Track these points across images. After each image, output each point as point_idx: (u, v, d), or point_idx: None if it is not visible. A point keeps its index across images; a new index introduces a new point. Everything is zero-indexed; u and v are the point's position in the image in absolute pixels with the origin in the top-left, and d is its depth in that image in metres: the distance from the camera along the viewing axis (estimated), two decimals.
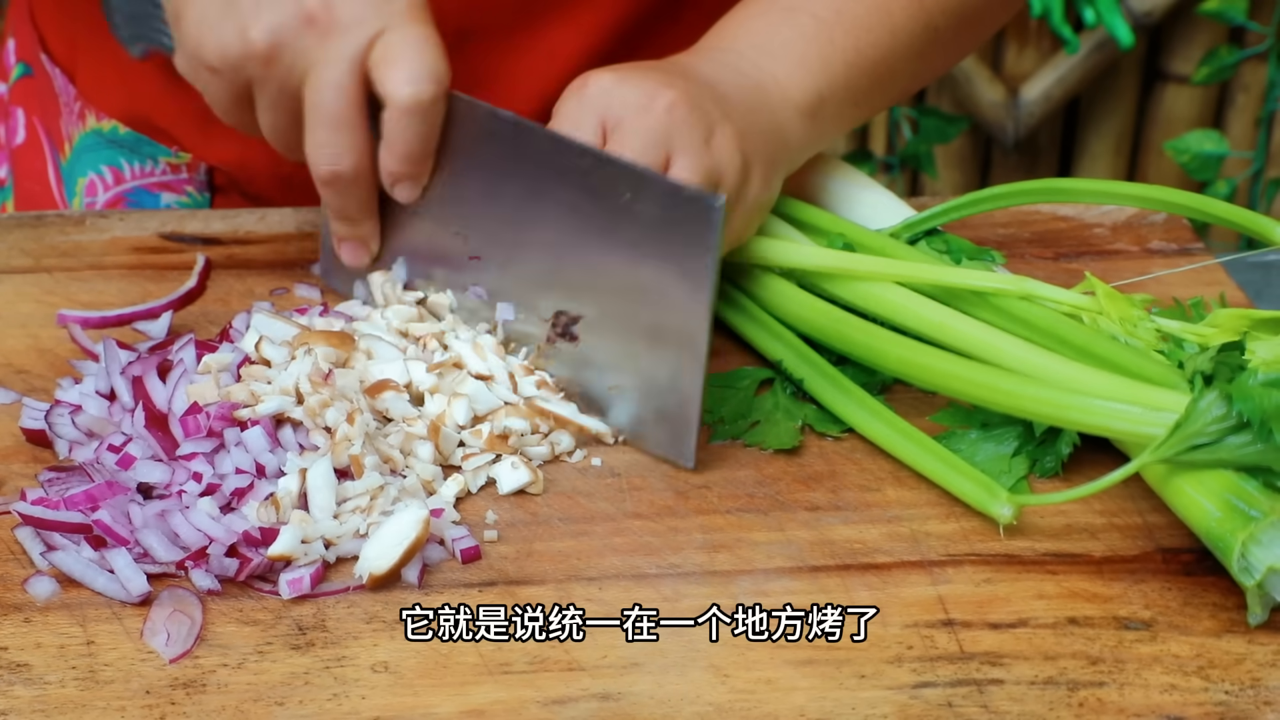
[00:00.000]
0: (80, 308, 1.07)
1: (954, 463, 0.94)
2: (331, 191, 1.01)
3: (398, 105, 0.97)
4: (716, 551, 0.90)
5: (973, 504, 0.92)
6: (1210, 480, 0.86)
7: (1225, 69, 2.42)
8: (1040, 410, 0.91)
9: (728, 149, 0.98)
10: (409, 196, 1.01)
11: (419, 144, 0.99)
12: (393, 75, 0.96)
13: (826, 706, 0.81)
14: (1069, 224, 1.20)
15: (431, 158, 1.00)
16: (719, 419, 1.00)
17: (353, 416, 0.93)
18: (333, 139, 0.98)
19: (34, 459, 0.95)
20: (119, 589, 0.86)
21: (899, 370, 0.98)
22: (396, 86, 0.96)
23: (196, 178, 1.25)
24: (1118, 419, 0.88)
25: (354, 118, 0.98)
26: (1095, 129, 2.49)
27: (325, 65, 0.96)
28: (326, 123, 0.98)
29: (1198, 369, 0.87)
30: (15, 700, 0.80)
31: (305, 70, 0.97)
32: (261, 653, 0.83)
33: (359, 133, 0.98)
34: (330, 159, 0.99)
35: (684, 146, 0.96)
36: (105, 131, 1.25)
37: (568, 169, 0.95)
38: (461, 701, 0.81)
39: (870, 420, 0.97)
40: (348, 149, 0.98)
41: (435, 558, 0.89)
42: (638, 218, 0.93)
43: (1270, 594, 0.84)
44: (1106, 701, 0.81)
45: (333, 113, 0.97)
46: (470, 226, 1.01)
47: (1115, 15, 2.33)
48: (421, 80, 0.96)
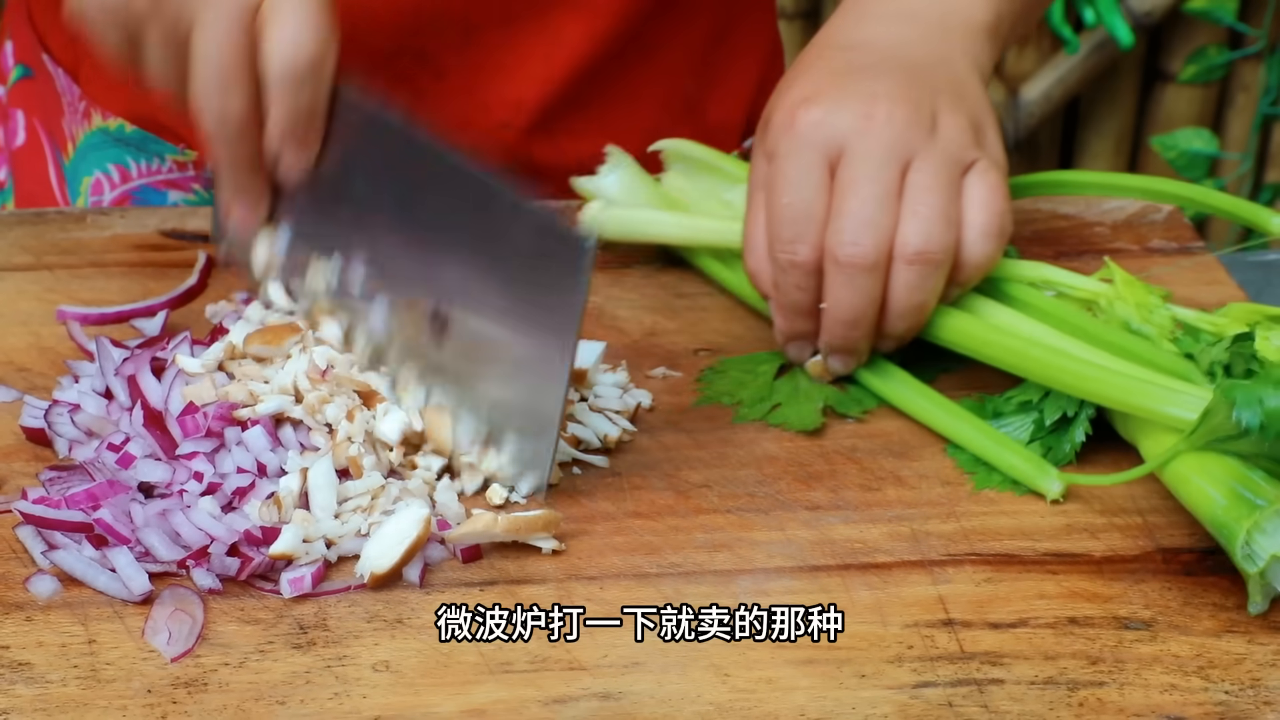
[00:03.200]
0: (81, 305, 1.07)
1: (1004, 440, 0.95)
2: (220, 139, 0.97)
3: (272, 69, 0.94)
4: (717, 551, 0.90)
5: (1022, 480, 0.94)
6: (1217, 469, 0.87)
7: (1214, 69, 2.42)
8: (1088, 384, 0.93)
9: (953, 126, 0.96)
10: (294, 163, 0.98)
11: (297, 108, 0.96)
12: (271, 36, 0.94)
13: (827, 706, 0.81)
14: (1070, 222, 1.20)
15: (315, 126, 0.97)
16: (739, 402, 1.00)
17: (353, 414, 0.93)
18: (219, 85, 0.95)
19: (35, 458, 0.95)
20: (120, 588, 0.86)
21: (951, 338, 0.99)
22: (273, 49, 0.94)
23: (204, 175, 1.25)
24: (1161, 401, 0.90)
25: (240, 66, 0.94)
26: (1095, 129, 2.50)
27: (213, 17, 0.94)
28: (212, 69, 0.95)
29: (1214, 360, 0.88)
30: (17, 699, 0.80)
31: (191, 18, 0.94)
32: (263, 652, 0.83)
33: (246, 81, 0.95)
34: (217, 105, 0.95)
35: (915, 146, 0.95)
36: (111, 130, 1.25)
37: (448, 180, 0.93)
38: (463, 701, 0.81)
39: (916, 398, 0.99)
40: (235, 96, 0.95)
41: (436, 557, 0.89)
42: (512, 240, 0.91)
43: (1272, 583, 0.85)
44: (1106, 701, 0.81)
45: (218, 60, 0.94)
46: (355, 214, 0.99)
47: (1115, 15, 2.33)
48: (299, 46, 0.93)
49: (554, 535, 0.89)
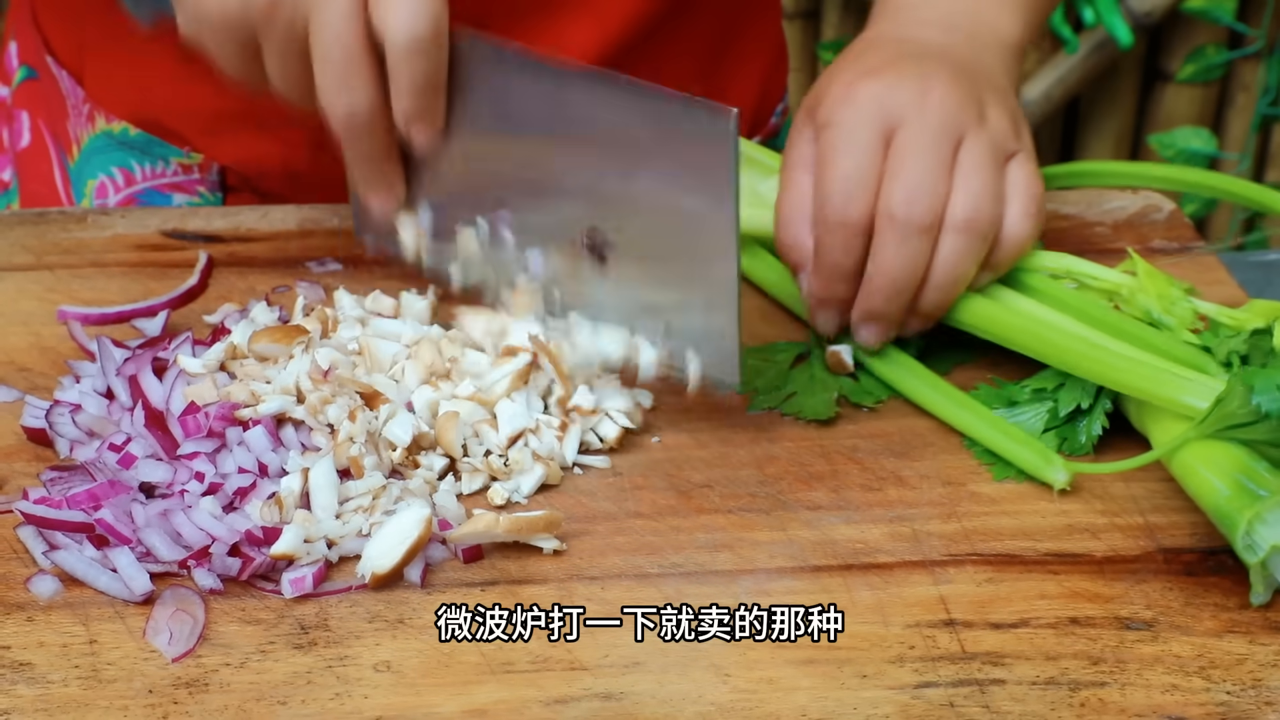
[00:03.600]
0: (82, 305, 1.07)
1: (1009, 430, 0.97)
2: (350, 134, 0.99)
3: (395, 45, 0.95)
4: (718, 551, 0.90)
5: (1028, 470, 0.95)
6: (1223, 459, 0.88)
7: (1213, 68, 2.43)
8: (1103, 369, 0.95)
9: (999, 117, 1.01)
10: (425, 140, 1.00)
11: (422, 81, 0.97)
12: (388, 16, 0.95)
13: (828, 706, 0.81)
14: (1071, 223, 1.20)
15: (441, 96, 0.99)
16: (754, 389, 1.01)
17: (354, 414, 0.93)
18: (343, 82, 0.96)
19: (36, 458, 0.95)
20: (122, 588, 0.86)
21: (973, 321, 1.01)
22: (392, 26, 0.95)
23: (208, 178, 1.25)
24: (1176, 388, 0.91)
25: (360, 58, 0.96)
26: (1095, 129, 2.50)
27: (325, 9, 0.95)
28: (334, 66, 0.96)
29: (1233, 350, 0.90)
30: (18, 699, 0.80)
31: (307, 16, 0.95)
32: (264, 652, 0.83)
33: (368, 72, 0.96)
34: (344, 102, 0.97)
35: (966, 128, 0.99)
36: (115, 133, 1.25)
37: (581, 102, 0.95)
38: (464, 701, 0.81)
39: (922, 387, 1.01)
40: (360, 89, 0.97)
41: (437, 557, 0.89)
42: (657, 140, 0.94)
43: (1273, 573, 0.85)
44: (1108, 702, 0.81)
45: (339, 55, 0.96)
46: (493, 169, 1.01)
47: (1115, 15, 2.33)
48: (417, 17, 0.95)
49: (555, 535, 0.89)
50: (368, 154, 1.01)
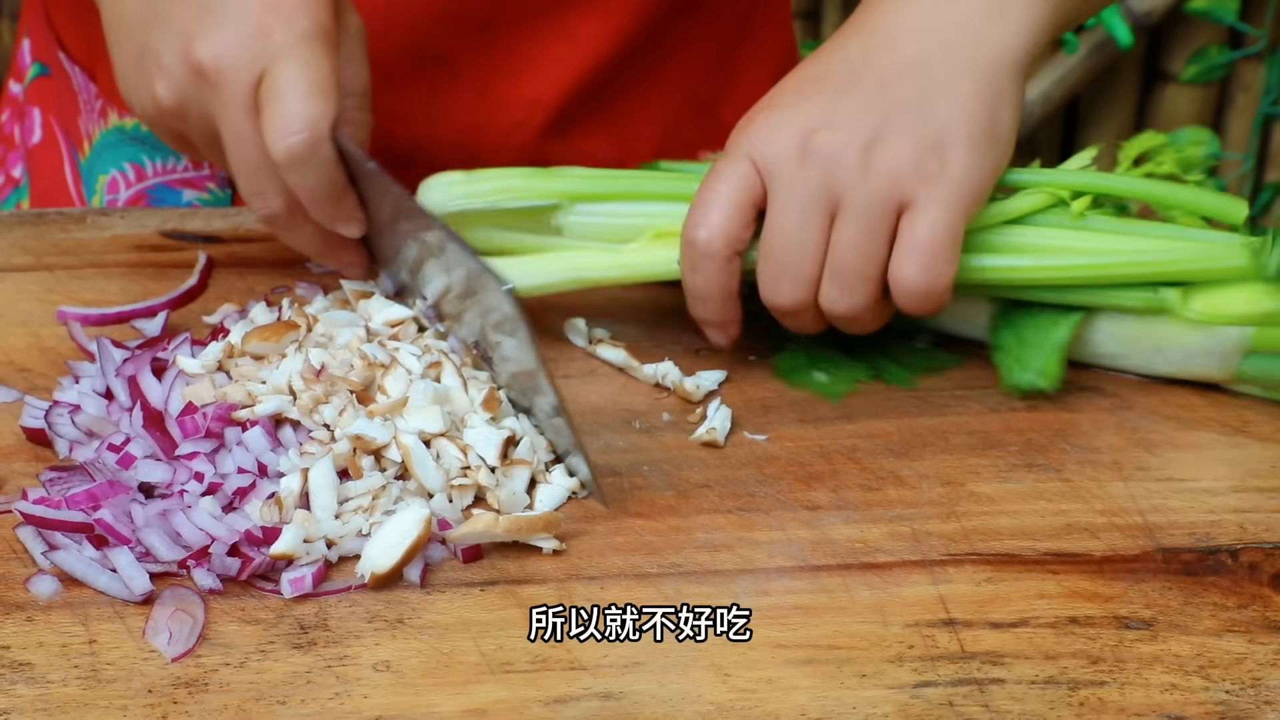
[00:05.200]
0: (82, 306, 1.07)
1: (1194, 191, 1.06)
2: (277, 230, 1.01)
3: (278, 161, 0.95)
4: (718, 551, 0.90)
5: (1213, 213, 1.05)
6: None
7: (1216, 68, 2.42)
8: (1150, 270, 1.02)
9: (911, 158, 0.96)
10: (352, 233, 1.01)
11: (313, 190, 0.97)
12: (267, 131, 0.95)
13: (828, 706, 0.81)
14: None
15: (342, 196, 0.99)
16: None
17: (345, 413, 0.93)
18: (254, 190, 0.98)
19: (35, 458, 0.95)
20: (121, 588, 0.86)
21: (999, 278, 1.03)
22: (270, 142, 0.95)
23: (218, 174, 1.25)
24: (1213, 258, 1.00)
25: (264, 167, 0.97)
26: (1095, 129, 2.50)
27: (224, 117, 0.96)
28: (243, 177, 0.98)
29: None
30: (18, 699, 0.80)
31: (213, 120, 0.97)
32: (263, 652, 0.83)
33: (275, 180, 0.97)
34: (259, 206, 0.99)
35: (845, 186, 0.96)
36: (128, 128, 1.25)
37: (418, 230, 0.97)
38: (463, 701, 0.81)
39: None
40: (271, 194, 0.98)
41: (437, 557, 0.89)
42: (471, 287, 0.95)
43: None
44: (1107, 701, 0.81)
45: (246, 168, 0.97)
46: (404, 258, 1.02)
47: (1114, 15, 2.33)
48: (290, 133, 0.94)
49: (555, 535, 0.89)
50: (303, 242, 1.02)
